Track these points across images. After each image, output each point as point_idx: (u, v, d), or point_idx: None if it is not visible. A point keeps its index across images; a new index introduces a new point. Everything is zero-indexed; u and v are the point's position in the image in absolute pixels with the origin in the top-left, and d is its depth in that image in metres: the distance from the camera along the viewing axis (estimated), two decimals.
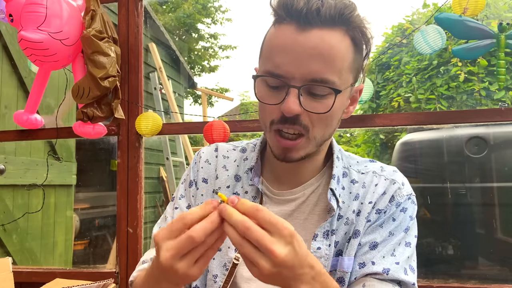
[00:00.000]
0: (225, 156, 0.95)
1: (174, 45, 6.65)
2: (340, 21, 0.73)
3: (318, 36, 0.72)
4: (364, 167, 0.90)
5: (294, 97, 0.73)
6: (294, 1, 0.72)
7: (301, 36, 0.72)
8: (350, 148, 7.66)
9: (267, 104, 0.77)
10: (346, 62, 0.75)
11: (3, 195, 2.79)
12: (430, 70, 4.22)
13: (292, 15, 0.73)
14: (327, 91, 0.74)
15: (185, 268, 0.60)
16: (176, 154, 5.33)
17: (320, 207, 0.86)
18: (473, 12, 1.19)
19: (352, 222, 0.83)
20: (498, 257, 2.97)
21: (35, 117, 1.58)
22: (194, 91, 11.06)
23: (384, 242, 0.81)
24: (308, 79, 0.73)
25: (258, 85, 0.79)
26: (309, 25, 0.72)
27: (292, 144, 0.77)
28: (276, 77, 0.75)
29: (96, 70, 1.39)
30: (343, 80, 0.76)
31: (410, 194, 0.86)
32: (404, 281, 0.78)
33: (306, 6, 0.71)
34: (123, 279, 1.54)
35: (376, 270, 0.78)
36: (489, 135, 2.81)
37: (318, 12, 0.71)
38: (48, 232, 3.23)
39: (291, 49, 0.73)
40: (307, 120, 0.76)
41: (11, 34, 2.78)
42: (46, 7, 1.32)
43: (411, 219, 0.84)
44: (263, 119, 0.81)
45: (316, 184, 0.88)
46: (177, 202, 0.95)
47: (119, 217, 1.57)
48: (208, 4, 11.89)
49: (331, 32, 0.73)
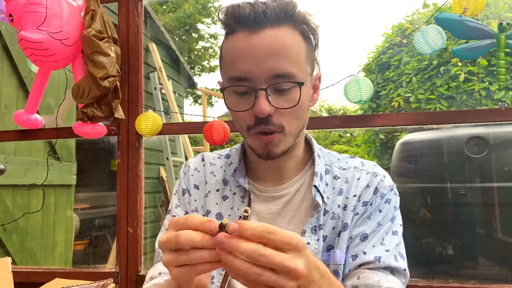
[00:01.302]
0: (212, 163, 0.99)
1: (174, 45, 6.65)
2: (286, 19, 0.79)
3: (270, 35, 0.77)
4: (345, 163, 0.94)
5: (264, 98, 0.78)
6: (240, 9, 0.78)
7: (254, 38, 0.78)
8: (350, 148, 7.66)
9: (240, 111, 0.81)
10: (301, 54, 0.81)
11: (3, 195, 2.79)
12: (430, 70, 4.22)
13: (242, 22, 0.79)
14: (291, 85, 0.79)
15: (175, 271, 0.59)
16: (176, 154, 5.33)
17: (306, 204, 0.88)
18: (473, 12, 1.19)
19: (338, 216, 0.86)
20: (498, 257, 2.97)
21: (35, 117, 1.58)
22: (194, 91, 11.07)
23: (373, 233, 0.84)
24: (271, 77, 0.77)
25: (227, 95, 0.84)
26: (259, 26, 0.77)
27: (269, 138, 0.81)
28: (242, 82, 0.79)
29: (96, 70, 1.39)
30: (303, 72, 0.81)
31: (392, 186, 0.90)
32: (396, 267, 0.82)
33: (253, 10, 0.77)
34: (123, 279, 1.54)
35: (368, 259, 0.81)
36: (489, 135, 2.81)
37: (264, 14, 0.77)
38: (48, 232, 3.23)
39: (249, 52, 0.78)
40: (279, 119, 0.80)
41: (11, 34, 2.78)
42: (46, 7, 1.32)
43: (395, 209, 0.88)
44: (240, 126, 0.86)
45: (300, 182, 0.91)
46: (174, 211, 0.97)
47: (119, 217, 1.57)
48: (208, 4, 11.90)
49: (281, 29, 0.78)
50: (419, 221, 3.15)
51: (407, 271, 0.84)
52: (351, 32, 33.70)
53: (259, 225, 0.56)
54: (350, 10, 37.67)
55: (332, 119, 1.47)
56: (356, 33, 28.34)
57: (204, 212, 0.93)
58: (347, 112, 10.59)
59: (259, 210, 0.90)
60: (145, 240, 1.65)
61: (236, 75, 0.80)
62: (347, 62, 20.70)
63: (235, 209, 0.90)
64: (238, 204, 0.91)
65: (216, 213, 0.91)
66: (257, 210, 0.90)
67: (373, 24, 26.57)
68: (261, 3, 0.78)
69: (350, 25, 33.59)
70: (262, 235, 0.55)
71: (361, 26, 26.84)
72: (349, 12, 37.10)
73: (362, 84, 1.29)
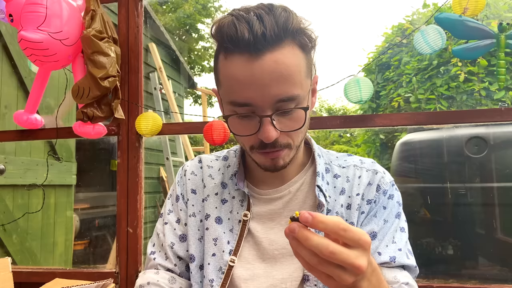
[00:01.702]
0: (209, 166, 0.98)
1: (174, 45, 6.65)
2: (285, 35, 0.74)
3: (272, 60, 0.73)
4: (344, 161, 0.94)
5: (269, 124, 0.76)
6: (238, 32, 0.72)
7: (256, 65, 0.73)
8: (350, 148, 7.66)
9: (244, 136, 0.80)
10: (302, 71, 0.77)
11: (3, 195, 2.79)
12: (430, 70, 4.23)
13: (241, 46, 0.73)
14: (293, 105, 0.76)
15: None
16: (176, 154, 5.33)
17: (309, 204, 0.88)
18: (473, 12, 1.19)
19: (342, 215, 0.86)
20: (498, 257, 2.97)
21: (35, 117, 1.58)
22: (194, 91, 11.07)
23: (382, 230, 0.85)
24: (275, 102, 0.75)
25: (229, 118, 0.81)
26: (259, 51, 0.73)
27: (277, 155, 0.80)
28: (245, 108, 0.77)
29: (96, 70, 1.39)
30: (305, 90, 0.78)
31: (392, 181, 0.90)
32: (408, 265, 0.84)
33: (251, 34, 0.71)
34: (123, 279, 1.54)
35: (384, 260, 0.82)
36: (489, 135, 2.82)
37: (264, 37, 0.72)
38: (48, 232, 3.23)
39: (251, 80, 0.74)
40: (285, 138, 0.79)
41: (11, 34, 2.78)
42: (46, 7, 1.32)
43: (399, 204, 0.89)
44: (242, 144, 0.84)
45: (300, 181, 0.91)
46: (166, 218, 0.96)
47: (119, 217, 1.57)
48: (208, 4, 11.90)
49: (281, 49, 0.74)
50: (419, 221, 3.15)
51: (417, 267, 0.86)
52: (351, 32, 33.68)
53: (332, 221, 0.57)
54: (350, 10, 37.64)
55: (332, 119, 1.47)
56: (356, 33, 28.32)
57: (202, 217, 0.92)
58: (347, 112, 10.60)
59: (259, 212, 0.89)
60: (145, 240, 1.65)
61: (239, 101, 0.77)
62: (347, 62, 20.71)
63: (234, 213, 0.90)
64: (237, 208, 0.90)
65: (216, 217, 0.91)
66: (257, 212, 0.89)
67: (373, 24, 26.53)
68: (258, 21, 0.72)
69: (350, 25, 33.56)
70: (334, 230, 0.56)
71: (361, 26, 26.84)
72: (349, 12, 37.06)
73: (362, 84, 1.29)
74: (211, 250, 0.88)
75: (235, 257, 0.86)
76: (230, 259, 0.86)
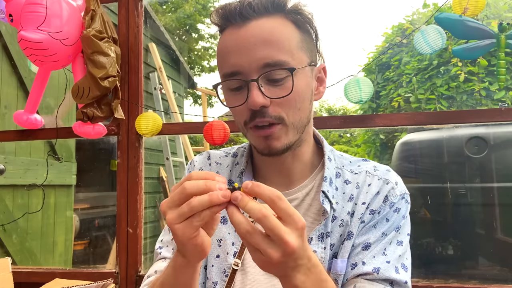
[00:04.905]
0: (218, 163, 0.97)
1: (174, 45, 6.65)
2: (274, 9, 0.78)
3: (256, 26, 0.76)
4: (357, 167, 0.89)
5: (256, 90, 0.75)
6: (227, 6, 0.79)
7: (241, 31, 0.77)
8: (350, 148, 7.65)
9: (235, 107, 0.80)
10: (293, 41, 0.78)
11: (3, 195, 2.79)
12: (430, 70, 4.22)
13: (230, 18, 0.79)
14: (284, 74, 0.76)
15: (181, 228, 0.60)
16: (176, 154, 5.33)
17: (314, 210, 0.85)
18: (473, 12, 1.19)
19: (346, 223, 0.82)
20: (498, 257, 2.97)
21: (35, 117, 1.58)
22: (194, 91, 11.06)
23: (376, 242, 0.80)
24: (261, 67, 0.75)
25: (223, 93, 0.83)
26: (245, 19, 0.77)
27: (269, 132, 0.78)
28: (233, 77, 0.78)
29: (96, 70, 1.39)
30: (296, 60, 0.78)
31: (403, 193, 0.85)
32: (395, 280, 0.78)
33: (239, 5, 0.77)
34: (123, 279, 1.54)
35: (366, 270, 0.78)
36: (489, 135, 2.81)
37: (250, 6, 0.77)
38: (48, 232, 3.23)
39: (237, 45, 0.77)
40: (277, 110, 0.77)
41: (11, 34, 2.78)
42: (46, 7, 1.31)
43: (403, 217, 0.84)
44: (238, 123, 0.84)
45: (309, 186, 0.88)
46: None
47: (119, 217, 1.57)
48: (208, 4, 11.89)
49: (269, 19, 0.77)
50: (419, 221, 3.15)
51: (409, 283, 0.79)
52: (351, 32, 33.72)
53: (269, 188, 0.58)
54: (350, 10, 37.67)
55: (332, 119, 1.47)
56: (356, 33, 28.35)
57: None
58: (347, 112, 10.59)
59: None
60: (145, 240, 1.65)
61: (227, 71, 0.78)
62: (347, 62, 20.69)
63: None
64: None
65: (221, 217, 0.89)
66: None
67: (373, 24, 26.58)
68: None
69: (350, 25, 33.60)
70: (270, 197, 0.57)
71: (361, 26, 26.86)
72: (349, 12, 37.09)
73: (362, 84, 1.29)
74: (215, 251, 0.87)
75: (239, 260, 0.84)
76: (234, 262, 0.84)
